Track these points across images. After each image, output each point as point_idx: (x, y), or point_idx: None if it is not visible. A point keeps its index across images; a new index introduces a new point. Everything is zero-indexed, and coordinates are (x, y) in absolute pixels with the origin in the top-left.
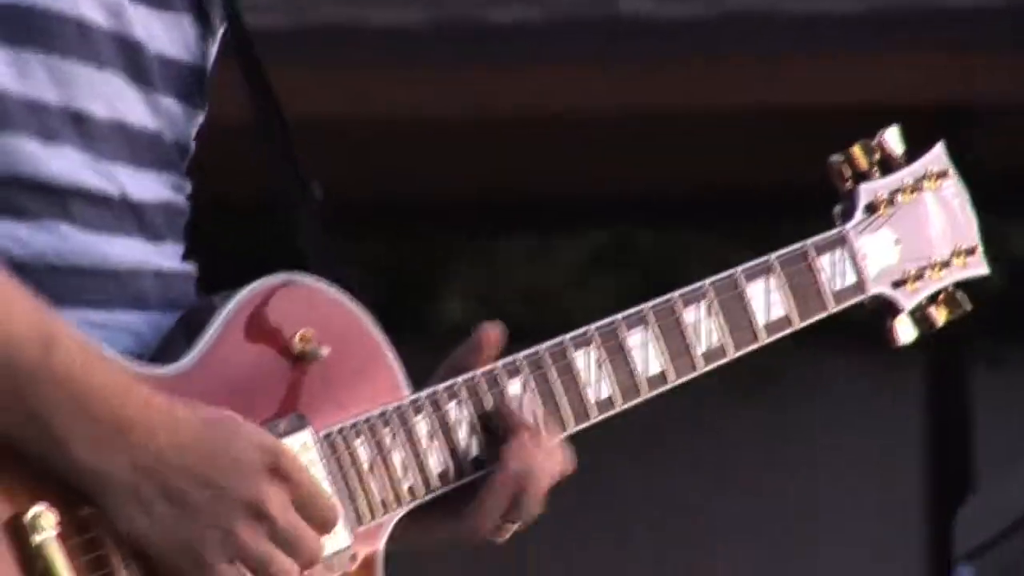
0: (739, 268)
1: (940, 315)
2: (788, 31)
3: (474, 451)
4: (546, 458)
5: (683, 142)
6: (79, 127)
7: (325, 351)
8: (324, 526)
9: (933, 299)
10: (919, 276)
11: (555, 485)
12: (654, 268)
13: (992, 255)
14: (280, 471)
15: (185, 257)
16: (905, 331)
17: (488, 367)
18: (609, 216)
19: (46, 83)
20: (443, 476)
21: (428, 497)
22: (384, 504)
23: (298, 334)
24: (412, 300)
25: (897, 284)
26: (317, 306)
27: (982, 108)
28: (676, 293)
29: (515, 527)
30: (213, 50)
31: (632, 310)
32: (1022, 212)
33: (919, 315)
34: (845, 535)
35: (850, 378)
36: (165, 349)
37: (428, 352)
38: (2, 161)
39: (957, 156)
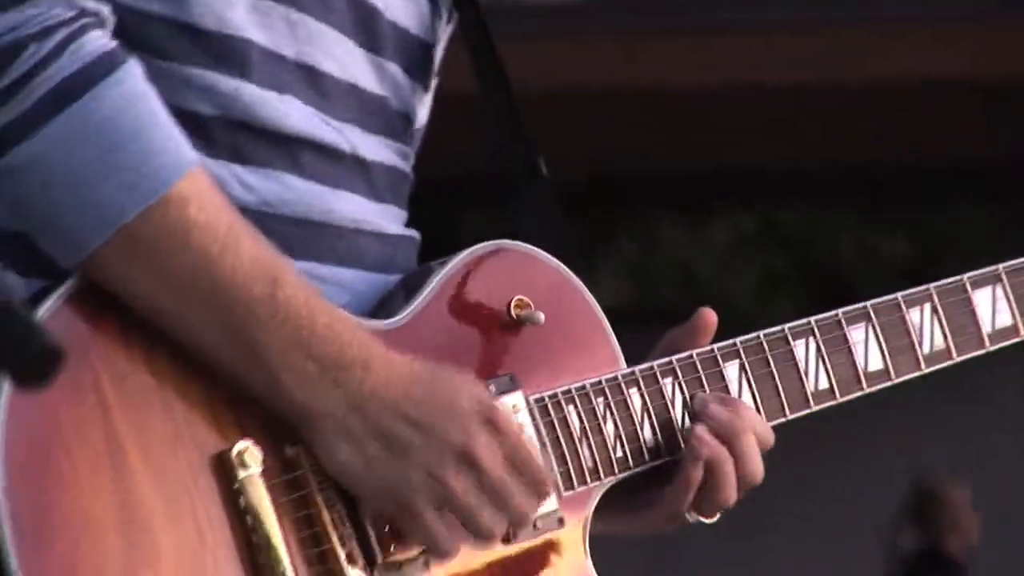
0: (965, 276)
1: None
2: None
3: (687, 429)
4: (739, 450)
5: (831, 120)
6: (312, 82)
7: (542, 317)
8: (536, 489)
9: None
10: None
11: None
12: (800, 247)
13: None
14: (494, 424)
15: (408, 224)
16: None
17: (706, 348)
18: (757, 196)
19: (286, 36)
20: (653, 450)
21: (638, 469)
22: (595, 471)
23: (514, 299)
24: None
25: None
26: (536, 274)
27: None
28: (899, 294)
29: (701, 517)
30: (443, 34)
31: (854, 307)
32: None
33: None
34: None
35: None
36: (383, 307)
37: None
38: (237, 106)
39: None
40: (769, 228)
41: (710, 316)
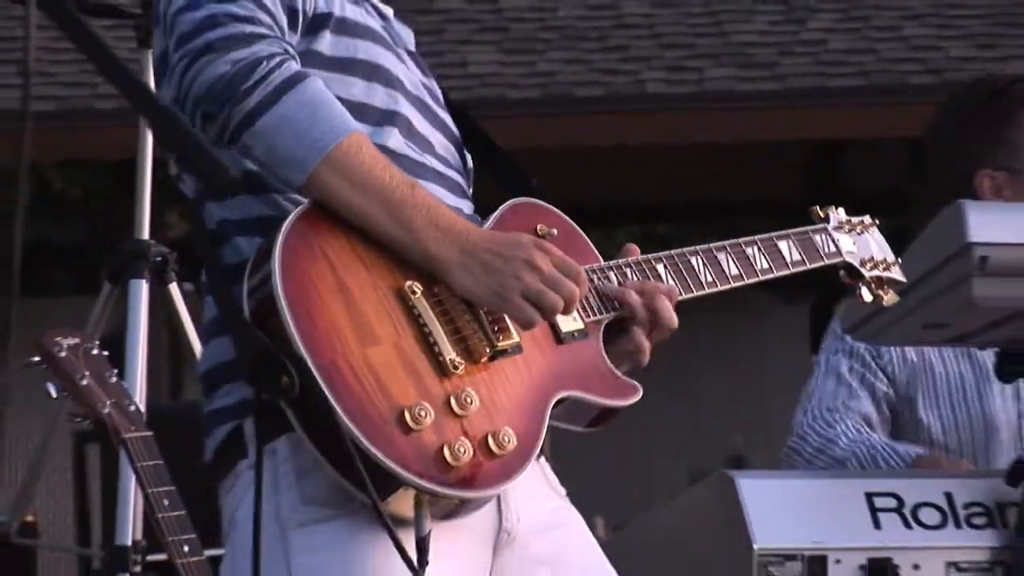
0: (773, 234)
1: (881, 294)
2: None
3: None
4: (663, 297)
5: (682, 170)
6: (403, 127)
7: (556, 232)
8: (575, 279)
9: (877, 283)
10: (872, 263)
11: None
12: (666, 247)
13: None
14: (543, 247)
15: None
16: (866, 295)
17: (646, 256)
18: (641, 215)
19: (382, 97)
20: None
21: (614, 315)
22: (599, 310)
23: (538, 225)
24: None
25: (861, 263)
26: (548, 214)
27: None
28: (742, 241)
29: (650, 344)
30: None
31: (721, 242)
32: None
33: (872, 289)
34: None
35: (790, 312)
36: None
37: None
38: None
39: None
40: (648, 236)
41: (634, 247)
